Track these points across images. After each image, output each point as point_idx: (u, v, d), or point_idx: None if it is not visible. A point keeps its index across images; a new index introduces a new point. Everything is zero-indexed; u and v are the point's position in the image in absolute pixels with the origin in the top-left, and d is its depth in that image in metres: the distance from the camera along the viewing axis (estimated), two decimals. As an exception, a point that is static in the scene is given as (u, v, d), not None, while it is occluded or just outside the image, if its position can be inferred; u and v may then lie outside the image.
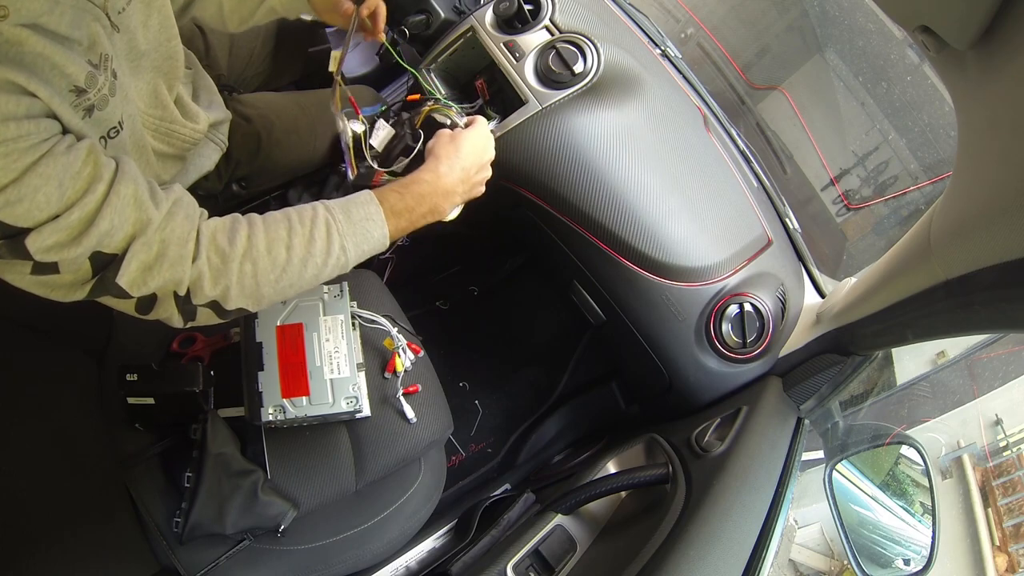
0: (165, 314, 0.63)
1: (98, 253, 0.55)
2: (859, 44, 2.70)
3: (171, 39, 0.74)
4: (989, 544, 3.11)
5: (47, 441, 0.79)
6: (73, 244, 0.53)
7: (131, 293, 0.59)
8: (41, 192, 0.50)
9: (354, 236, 0.71)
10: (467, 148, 0.82)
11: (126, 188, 0.56)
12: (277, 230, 0.67)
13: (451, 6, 1.13)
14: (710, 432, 0.85)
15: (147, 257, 0.58)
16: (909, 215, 2.61)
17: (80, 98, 0.55)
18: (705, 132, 1.06)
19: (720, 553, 0.63)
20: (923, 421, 3.14)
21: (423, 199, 0.77)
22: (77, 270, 0.55)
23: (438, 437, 0.97)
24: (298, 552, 0.86)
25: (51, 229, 0.51)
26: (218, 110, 0.96)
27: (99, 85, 0.56)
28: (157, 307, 0.62)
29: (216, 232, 0.64)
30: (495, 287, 1.60)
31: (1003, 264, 0.42)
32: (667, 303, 0.98)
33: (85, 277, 0.56)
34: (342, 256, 0.70)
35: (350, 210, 0.71)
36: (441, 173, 0.79)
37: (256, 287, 0.66)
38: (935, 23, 0.41)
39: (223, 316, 0.67)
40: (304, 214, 0.69)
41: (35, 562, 0.72)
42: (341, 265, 0.71)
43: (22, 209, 0.49)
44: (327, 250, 0.69)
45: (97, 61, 0.57)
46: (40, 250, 0.52)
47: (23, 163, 0.49)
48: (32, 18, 0.49)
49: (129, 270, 0.57)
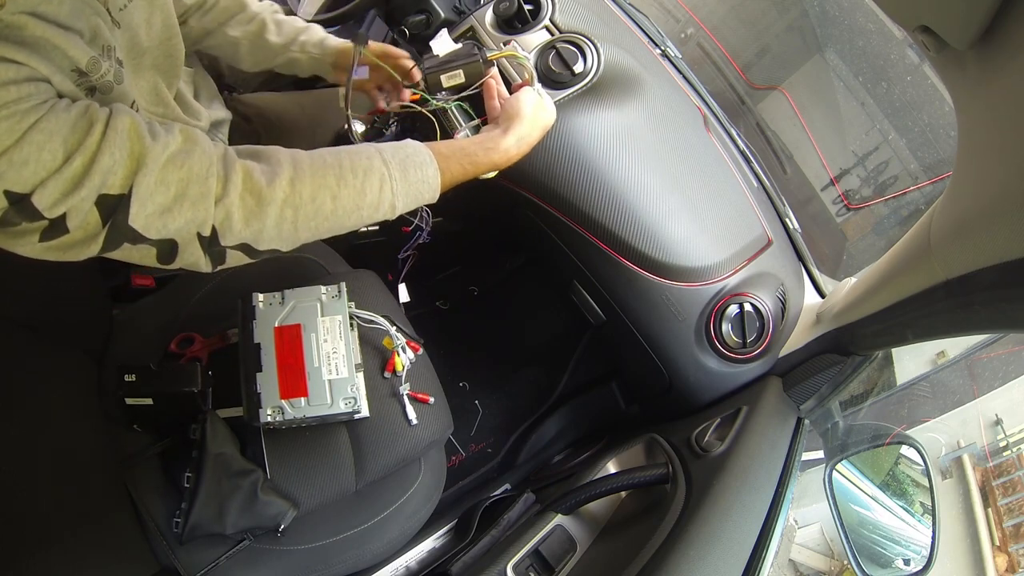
0: (191, 259, 0.60)
1: (103, 196, 0.53)
2: (859, 44, 2.70)
3: (172, 37, 0.74)
4: (989, 544, 3.11)
5: (47, 441, 0.79)
6: (79, 187, 0.51)
7: (148, 236, 0.56)
8: (46, 149, 0.49)
9: (406, 196, 0.68)
10: (531, 117, 0.80)
11: (122, 122, 0.54)
12: (325, 177, 0.62)
13: (451, 6, 1.13)
14: (710, 432, 0.85)
15: (164, 199, 0.55)
16: (909, 215, 2.61)
17: (82, 79, 0.54)
18: (705, 132, 1.06)
19: (720, 553, 0.63)
20: (923, 421, 3.13)
21: (478, 167, 0.75)
22: (86, 222, 0.53)
23: (438, 437, 0.97)
24: (298, 552, 0.86)
25: (56, 180, 0.50)
26: (219, 109, 0.96)
27: (102, 71, 0.56)
28: (181, 253, 0.59)
29: (252, 172, 0.60)
30: (495, 287, 1.60)
31: (1003, 264, 0.42)
32: (667, 303, 0.98)
33: (96, 229, 0.54)
34: (390, 212, 0.67)
35: (408, 169, 0.67)
36: (506, 147, 0.77)
37: (294, 232, 0.62)
38: (935, 23, 0.41)
39: (253, 256, 0.63)
40: (358, 163, 0.65)
41: (35, 562, 0.72)
42: (385, 216, 0.68)
43: (28, 172, 0.49)
44: (376, 205, 0.65)
45: (100, 51, 0.56)
46: (48, 204, 0.50)
47: (26, 123, 0.48)
48: (31, 7, 0.49)
49: (145, 211, 0.54)
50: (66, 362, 0.87)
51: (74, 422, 0.83)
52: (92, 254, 0.56)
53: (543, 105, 0.84)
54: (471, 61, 0.86)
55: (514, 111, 0.80)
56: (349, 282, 0.93)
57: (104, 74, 0.56)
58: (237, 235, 0.60)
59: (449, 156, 0.71)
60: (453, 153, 0.72)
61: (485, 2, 1.08)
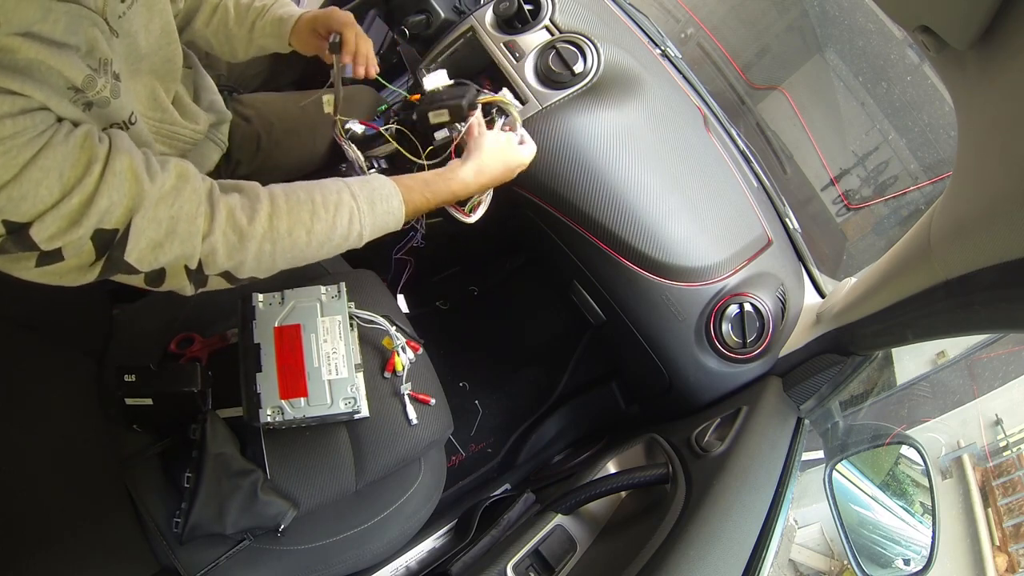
0: (177, 285, 0.64)
1: (100, 231, 0.55)
2: (859, 44, 2.70)
3: (171, 42, 0.74)
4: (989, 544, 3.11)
5: (47, 441, 0.79)
6: (75, 226, 0.53)
7: (140, 269, 0.59)
8: (43, 185, 0.50)
9: (373, 226, 0.74)
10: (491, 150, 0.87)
11: (121, 163, 0.55)
12: (300, 213, 0.68)
13: (451, 6, 1.13)
14: (710, 432, 0.85)
15: (156, 235, 0.58)
16: (909, 215, 2.61)
17: (78, 95, 0.55)
18: (705, 132, 1.06)
19: (720, 553, 0.63)
20: (923, 421, 3.14)
21: (438, 195, 0.81)
22: (81, 253, 0.55)
23: (438, 437, 0.97)
24: (298, 552, 0.86)
25: (53, 216, 0.51)
26: (218, 110, 0.96)
27: (98, 88, 0.56)
28: (168, 280, 0.62)
29: (234, 210, 0.64)
30: (495, 287, 1.60)
31: (1003, 264, 0.42)
32: (667, 303, 0.98)
33: (90, 259, 0.56)
34: (358, 241, 0.74)
35: (375, 202, 0.74)
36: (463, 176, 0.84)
37: (272, 262, 0.68)
38: (935, 23, 0.41)
39: (234, 283, 0.68)
40: (328, 198, 0.70)
41: (35, 562, 0.72)
42: (353, 245, 0.74)
43: (27, 206, 0.50)
44: (346, 235, 0.72)
45: (96, 66, 0.56)
46: (45, 238, 0.52)
47: (23, 158, 0.49)
48: (25, 27, 0.48)
49: (138, 247, 0.57)
50: (66, 362, 0.87)
51: (74, 422, 0.83)
52: (88, 281, 0.58)
53: (511, 143, 0.90)
54: (454, 103, 0.91)
55: (476, 145, 0.87)
56: (349, 282, 0.93)
57: (100, 90, 0.57)
58: (220, 267, 0.64)
59: (412, 187, 0.78)
60: (416, 184, 0.79)
61: (485, 2, 1.08)
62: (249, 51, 0.94)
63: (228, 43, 0.92)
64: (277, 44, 0.93)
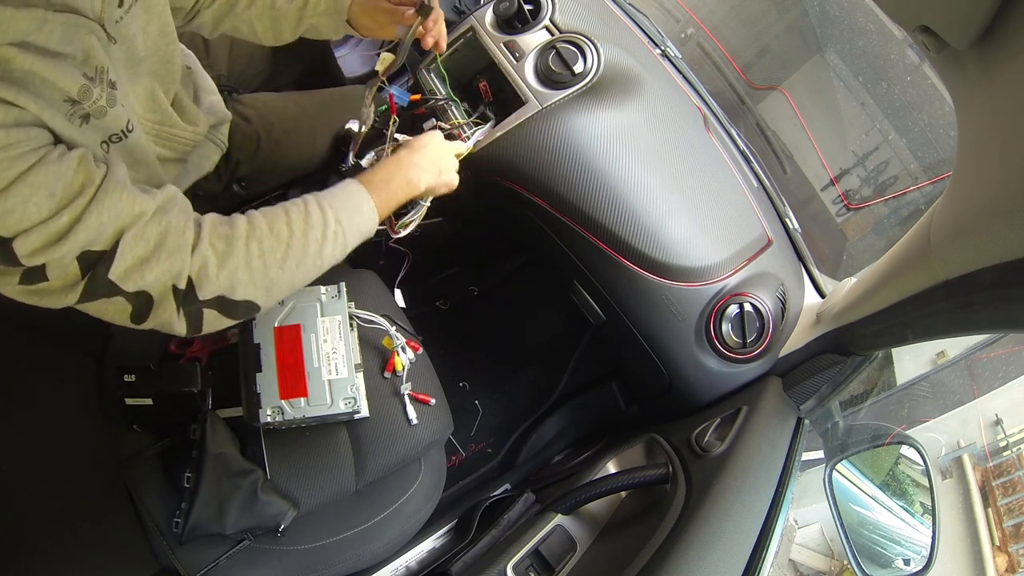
0: (164, 316, 0.61)
1: (86, 252, 0.54)
2: (859, 44, 2.70)
3: (170, 44, 0.73)
4: (989, 544, 3.11)
5: (47, 442, 0.79)
6: (60, 243, 0.52)
7: (125, 288, 0.57)
8: (31, 202, 0.50)
9: (346, 210, 0.75)
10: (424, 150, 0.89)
11: (115, 187, 0.55)
12: (274, 212, 0.70)
13: (451, 6, 1.13)
14: (710, 432, 0.85)
15: (144, 251, 0.57)
16: (909, 215, 2.61)
17: (74, 107, 0.54)
18: (705, 132, 1.06)
19: (720, 553, 0.63)
20: (923, 421, 3.14)
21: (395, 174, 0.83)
22: (65, 273, 0.54)
23: (438, 437, 0.97)
24: (298, 552, 0.86)
25: (39, 232, 0.51)
26: (218, 111, 0.96)
27: (94, 98, 0.56)
28: (155, 310, 0.61)
29: (216, 223, 0.65)
30: (495, 287, 1.60)
31: (1003, 264, 0.42)
32: (667, 303, 0.98)
33: (74, 279, 0.56)
34: (338, 229, 0.73)
35: (334, 192, 0.76)
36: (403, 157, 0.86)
37: (264, 268, 0.66)
38: (935, 23, 0.41)
39: (230, 313, 0.66)
40: (294, 200, 0.73)
41: (35, 562, 0.72)
42: (341, 242, 0.73)
43: (12, 220, 0.49)
44: (323, 222, 0.72)
45: (92, 74, 0.56)
46: (27, 253, 0.51)
47: (14, 172, 0.48)
48: (20, 37, 0.48)
49: (124, 263, 0.56)
50: (66, 362, 0.87)
51: (74, 422, 0.83)
52: (70, 303, 0.57)
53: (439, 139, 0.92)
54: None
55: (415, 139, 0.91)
56: (349, 282, 0.93)
57: (96, 100, 0.56)
58: (213, 282, 0.63)
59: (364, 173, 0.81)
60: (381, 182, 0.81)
61: (485, 2, 1.08)
62: (297, 30, 0.90)
63: (274, 25, 0.88)
64: (330, 23, 0.89)
